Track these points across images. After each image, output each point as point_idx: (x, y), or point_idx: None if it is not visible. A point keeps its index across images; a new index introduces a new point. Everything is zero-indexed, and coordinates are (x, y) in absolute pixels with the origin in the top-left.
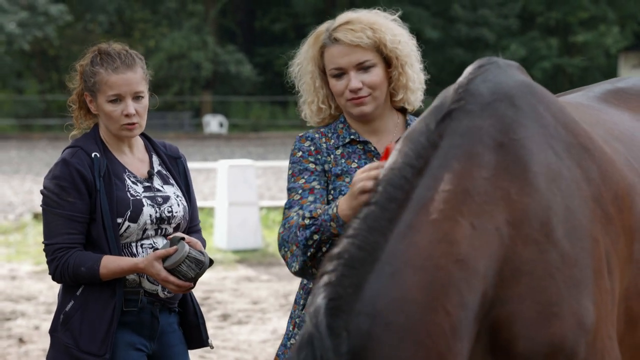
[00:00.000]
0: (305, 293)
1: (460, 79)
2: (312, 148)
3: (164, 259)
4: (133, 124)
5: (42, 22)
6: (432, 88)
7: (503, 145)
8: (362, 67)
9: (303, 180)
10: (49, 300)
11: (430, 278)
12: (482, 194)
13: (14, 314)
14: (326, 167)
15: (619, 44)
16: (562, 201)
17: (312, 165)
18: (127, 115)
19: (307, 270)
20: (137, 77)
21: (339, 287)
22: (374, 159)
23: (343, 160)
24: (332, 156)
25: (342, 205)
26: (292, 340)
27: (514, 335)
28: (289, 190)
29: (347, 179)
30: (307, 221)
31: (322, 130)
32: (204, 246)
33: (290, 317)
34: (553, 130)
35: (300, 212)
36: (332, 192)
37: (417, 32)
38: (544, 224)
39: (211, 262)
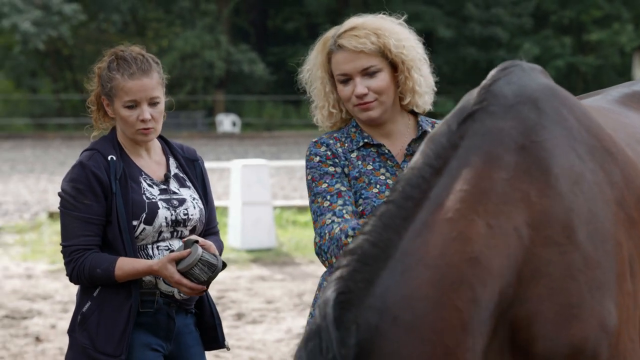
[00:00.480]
0: None
1: (484, 81)
2: (329, 153)
3: (177, 261)
4: (148, 129)
5: (56, 21)
6: (446, 87)
7: (524, 147)
8: (368, 73)
9: (326, 185)
10: (64, 299)
11: (440, 275)
12: (500, 195)
13: (30, 312)
14: (345, 170)
15: (633, 43)
16: (584, 204)
17: (331, 169)
18: (143, 121)
19: None
20: (153, 83)
21: (350, 281)
22: (388, 161)
23: (359, 163)
24: (348, 160)
25: None
26: None
27: (533, 335)
28: (315, 196)
29: (366, 180)
30: (349, 240)
31: (335, 135)
32: (222, 248)
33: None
34: (576, 133)
35: (341, 224)
36: (360, 200)
37: (430, 31)
38: (565, 226)
39: (224, 265)
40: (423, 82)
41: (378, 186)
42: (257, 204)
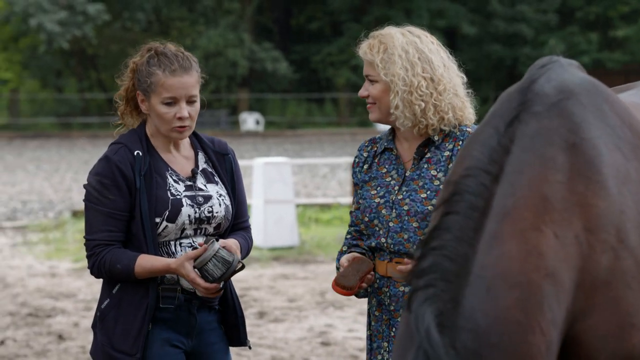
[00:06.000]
0: (377, 303)
1: (523, 80)
2: (357, 160)
3: (195, 259)
4: (184, 127)
5: (80, 21)
6: (470, 84)
7: (575, 145)
8: (369, 80)
9: (355, 197)
10: (87, 298)
11: (526, 295)
12: (560, 200)
13: (54, 310)
14: (359, 176)
15: None
16: (633, 205)
17: (355, 181)
18: (180, 119)
19: None
20: (193, 81)
21: (440, 302)
22: (401, 164)
23: (376, 167)
24: (367, 165)
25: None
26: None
27: (595, 349)
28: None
29: (373, 184)
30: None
31: (377, 137)
32: (250, 245)
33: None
34: (619, 131)
35: (348, 235)
36: (361, 200)
37: (454, 28)
38: (619, 230)
39: (242, 266)
40: (401, 105)
41: (379, 188)
42: (280, 202)
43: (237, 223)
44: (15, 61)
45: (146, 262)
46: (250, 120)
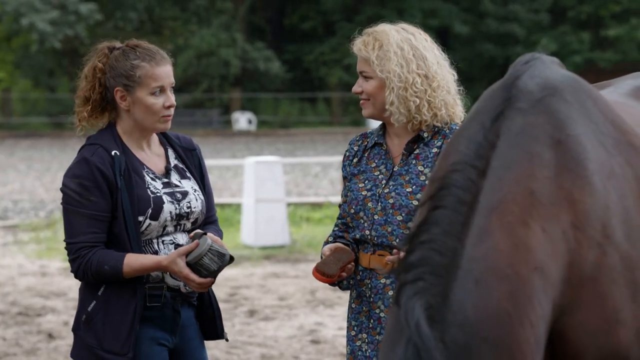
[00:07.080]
0: (356, 296)
1: (507, 76)
2: (347, 154)
3: (186, 255)
4: (170, 115)
5: (72, 20)
6: (462, 83)
7: (560, 142)
8: (363, 76)
9: (343, 190)
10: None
11: (515, 289)
12: (547, 195)
13: (44, 309)
14: (348, 169)
15: None
16: (618, 201)
17: (344, 174)
18: (168, 107)
19: None
20: (171, 69)
21: (429, 296)
22: (390, 159)
23: (365, 161)
24: (357, 159)
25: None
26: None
27: (583, 345)
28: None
29: (361, 177)
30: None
31: (368, 132)
32: (222, 236)
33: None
34: (603, 127)
35: (336, 227)
36: (348, 193)
37: (446, 28)
38: (604, 226)
39: (232, 258)
40: (396, 101)
41: (366, 182)
42: (271, 201)
43: (206, 217)
44: (8, 61)
45: (134, 261)
46: (242, 120)
